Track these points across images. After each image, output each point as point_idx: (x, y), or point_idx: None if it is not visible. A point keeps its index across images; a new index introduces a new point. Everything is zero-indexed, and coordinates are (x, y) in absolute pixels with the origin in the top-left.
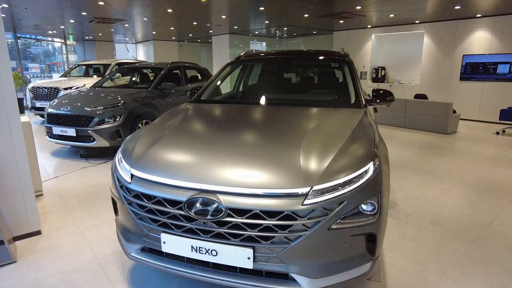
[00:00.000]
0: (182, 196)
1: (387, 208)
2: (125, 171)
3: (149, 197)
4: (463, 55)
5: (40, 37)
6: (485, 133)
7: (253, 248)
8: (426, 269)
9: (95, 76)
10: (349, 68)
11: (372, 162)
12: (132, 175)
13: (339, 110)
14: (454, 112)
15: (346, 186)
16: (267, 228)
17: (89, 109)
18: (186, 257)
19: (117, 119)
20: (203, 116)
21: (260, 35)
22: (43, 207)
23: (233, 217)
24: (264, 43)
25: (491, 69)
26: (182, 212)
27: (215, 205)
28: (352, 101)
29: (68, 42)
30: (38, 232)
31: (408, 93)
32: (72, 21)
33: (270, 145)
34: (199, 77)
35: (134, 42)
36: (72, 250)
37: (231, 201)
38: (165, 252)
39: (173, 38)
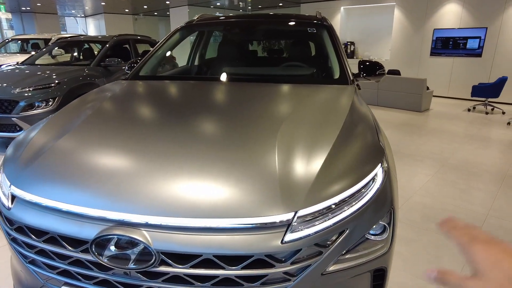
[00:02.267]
0: (89, 232)
1: (396, 227)
2: (4, 187)
3: (40, 232)
4: (434, 29)
5: None
6: (457, 110)
7: None
8: (428, 284)
9: (33, 53)
10: (330, 34)
11: (379, 164)
12: (13, 196)
13: (322, 88)
14: (427, 88)
15: (348, 205)
16: (227, 281)
17: (13, 91)
18: None
19: (50, 103)
20: (136, 100)
21: (222, 7)
22: None
23: (169, 265)
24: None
25: (461, 44)
26: (89, 257)
27: (140, 247)
28: (337, 76)
29: (1, 14)
30: None
31: None
32: None
33: (229, 145)
34: None
35: (83, 15)
36: None
37: (165, 239)
38: None
39: (127, 11)
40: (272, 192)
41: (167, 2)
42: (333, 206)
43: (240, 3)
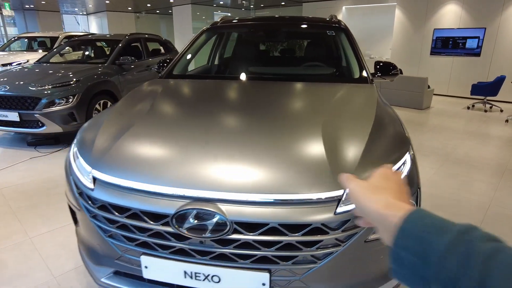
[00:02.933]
0: (169, 207)
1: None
2: (85, 172)
3: (121, 209)
4: (434, 29)
5: None
6: (457, 108)
7: (269, 271)
8: None
9: (40, 51)
10: (347, 36)
11: (407, 152)
12: (94, 179)
13: (346, 86)
14: (428, 87)
15: None
16: (288, 245)
17: (34, 88)
18: (176, 285)
19: (70, 100)
20: (182, 95)
21: (225, 6)
22: None
23: (241, 233)
24: (229, 14)
25: (460, 44)
26: (169, 229)
27: (215, 219)
28: (357, 76)
29: (4, 11)
30: None
31: None
32: None
33: (280, 134)
34: (162, 50)
35: (85, 13)
36: (21, 268)
37: (238, 212)
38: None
39: (129, 9)
40: (325, 173)
41: (171, 1)
42: None
43: (243, 2)
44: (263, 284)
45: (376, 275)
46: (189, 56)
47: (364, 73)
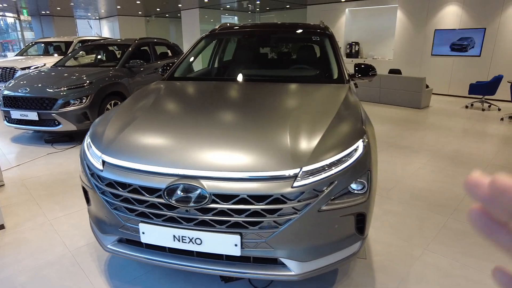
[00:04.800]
0: (161, 183)
1: (375, 186)
2: (96, 157)
3: (124, 185)
4: (435, 30)
5: None
6: (456, 107)
7: (241, 234)
8: (409, 244)
9: (56, 55)
10: (330, 41)
11: (361, 140)
12: (103, 162)
13: (322, 86)
14: (427, 87)
15: (336, 166)
16: (255, 213)
17: (51, 90)
18: (168, 247)
19: (84, 101)
20: (179, 95)
21: (232, 9)
22: (5, 199)
23: (218, 203)
24: (236, 17)
25: (460, 44)
26: (161, 200)
27: (198, 191)
28: (335, 77)
29: (22, 17)
30: (1, 227)
31: (381, 68)
32: None
33: (254, 125)
34: (169, 54)
35: (97, 17)
36: (42, 244)
37: (216, 186)
38: (145, 243)
39: (140, 13)
40: (286, 155)
41: (179, 5)
42: (326, 165)
43: (249, 5)
44: (235, 245)
45: (331, 241)
46: (190, 60)
47: (341, 75)
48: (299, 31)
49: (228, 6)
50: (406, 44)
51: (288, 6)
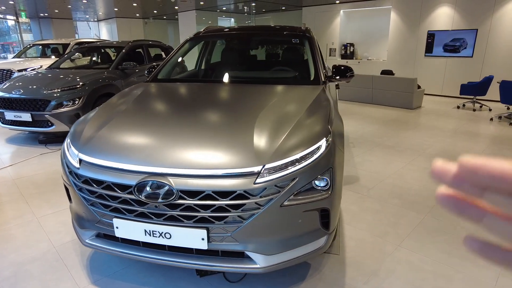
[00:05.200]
0: (132, 180)
1: (340, 183)
2: (74, 156)
3: (98, 182)
4: (428, 31)
5: None
6: (448, 107)
7: (207, 229)
8: (383, 240)
9: (53, 57)
10: (310, 44)
11: (324, 138)
12: (80, 160)
13: (297, 87)
14: (419, 87)
15: (298, 163)
16: (220, 209)
17: (45, 92)
18: (142, 241)
19: (76, 102)
20: (158, 96)
21: (228, 11)
22: None
23: (185, 199)
24: (232, 19)
25: (453, 45)
26: (132, 197)
27: (166, 188)
28: (312, 78)
29: (21, 19)
30: None
31: (376, 69)
32: None
33: (224, 125)
34: (164, 56)
35: (96, 20)
36: (28, 240)
37: (182, 183)
38: (120, 238)
39: (137, 15)
40: (250, 153)
41: (176, 8)
42: (288, 163)
43: (245, 7)
44: (202, 239)
45: (296, 235)
46: (173, 63)
47: (317, 76)
48: (280, 33)
49: (224, 8)
50: (400, 45)
51: (283, 8)
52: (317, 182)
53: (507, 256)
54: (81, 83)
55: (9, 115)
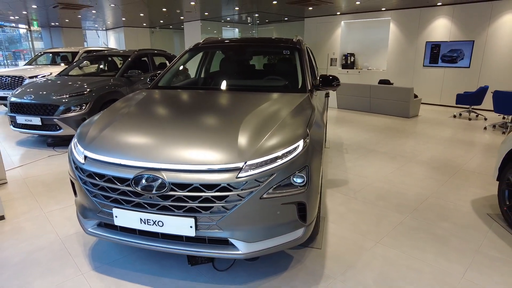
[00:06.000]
0: (130, 174)
1: (317, 181)
2: (79, 153)
3: (101, 176)
4: (426, 42)
5: (3, 23)
6: (444, 117)
7: (195, 218)
8: (364, 237)
9: (62, 64)
10: (299, 55)
11: (302, 140)
12: (85, 157)
13: (285, 95)
14: (416, 96)
15: (277, 161)
16: (206, 200)
17: (54, 97)
18: (138, 230)
19: (83, 107)
20: (156, 101)
21: (232, 22)
22: (6, 195)
23: (175, 191)
24: (236, 29)
25: (450, 56)
26: (130, 188)
27: (159, 181)
28: (299, 86)
29: (32, 28)
30: (1, 218)
31: (375, 78)
32: (34, 6)
33: (213, 126)
34: (168, 64)
35: (104, 29)
36: (36, 232)
37: (174, 176)
38: (119, 226)
39: (144, 24)
40: (234, 151)
41: (182, 18)
42: (268, 160)
43: (249, 18)
44: (191, 227)
45: (275, 225)
46: (174, 71)
47: (304, 85)
48: (271, 45)
49: (228, 19)
50: (399, 55)
51: (286, 19)
52: (295, 179)
53: None
54: (88, 90)
55: (21, 119)
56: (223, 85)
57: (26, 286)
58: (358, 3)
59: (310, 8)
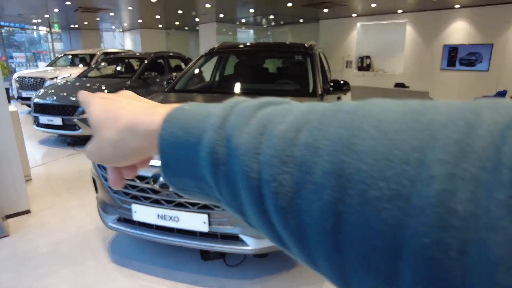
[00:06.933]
0: (149, 172)
1: None
2: None
3: None
4: (443, 45)
5: (25, 26)
6: None
7: (208, 214)
8: None
9: (81, 66)
10: (311, 60)
11: None
12: None
13: (296, 99)
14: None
15: None
16: None
17: (74, 99)
18: (155, 225)
19: None
20: (172, 103)
21: (247, 24)
22: (32, 190)
23: None
24: (251, 31)
25: (468, 59)
26: (148, 186)
27: None
28: (310, 91)
29: (53, 30)
30: (27, 211)
31: (391, 81)
32: (56, 10)
33: None
34: (183, 66)
35: (121, 30)
36: (59, 226)
37: None
38: (137, 222)
39: (160, 26)
40: None
41: (197, 20)
42: None
43: (263, 20)
44: (204, 222)
45: None
46: (190, 75)
47: (315, 89)
48: (284, 50)
49: (243, 21)
50: (416, 58)
51: (301, 20)
52: None
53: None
54: (106, 91)
55: (43, 119)
56: (237, 88)
57: (51, 274)
58: (373, 5)
59: (325, 10)
